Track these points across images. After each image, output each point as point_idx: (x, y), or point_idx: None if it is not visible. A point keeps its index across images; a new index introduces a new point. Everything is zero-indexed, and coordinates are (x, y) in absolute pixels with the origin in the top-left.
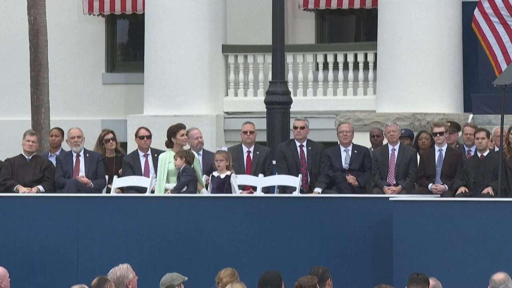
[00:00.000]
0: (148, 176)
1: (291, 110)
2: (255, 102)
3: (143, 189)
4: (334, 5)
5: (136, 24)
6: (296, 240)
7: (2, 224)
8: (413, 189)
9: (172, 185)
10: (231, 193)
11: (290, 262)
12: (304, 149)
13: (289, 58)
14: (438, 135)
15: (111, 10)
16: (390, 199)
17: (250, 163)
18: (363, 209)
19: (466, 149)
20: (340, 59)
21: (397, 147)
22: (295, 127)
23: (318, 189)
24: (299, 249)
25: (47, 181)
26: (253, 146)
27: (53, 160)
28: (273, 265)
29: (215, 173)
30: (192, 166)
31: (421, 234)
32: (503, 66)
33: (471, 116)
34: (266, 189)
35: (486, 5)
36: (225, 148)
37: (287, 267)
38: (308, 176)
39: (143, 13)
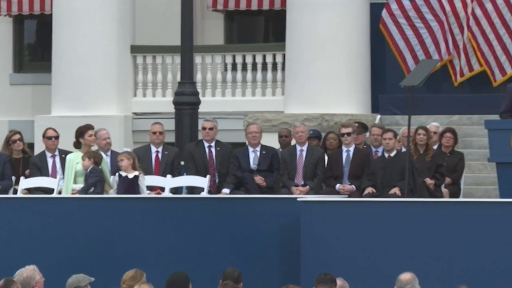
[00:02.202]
0: (56, 177)
1: (199, 110)
2: (164, 102)
3: (50, 190)
4: (243, 6)
5: (44, 25)
6: (205, 240)
7: None
8: (321, 189)
9: (80, 185)
10: (139, 193)
11: (199, 262)
12: (213, 149)
13: (197, 59)
14: (345, 135)
15: (19, 10)
16: (298, 199)
17: (158, 164)
18: (271, 210)
19: (374, 149)
20: (249, 60)
21: (305, 147)
22: (204, 128)
23: (226, 190)
24: (207, 250)
25: None
26: (161, 147)
27: None
28: (181, 266)
29: (123, 173)
30: (100, 167)
31: (329, 234)
32: (412, 67)
33: (378, 117)
34: (174, 190)
35: (394, 7)
36: (128, 149)
37: (196, 267)
38: (216, 177)
39: (51, 14)
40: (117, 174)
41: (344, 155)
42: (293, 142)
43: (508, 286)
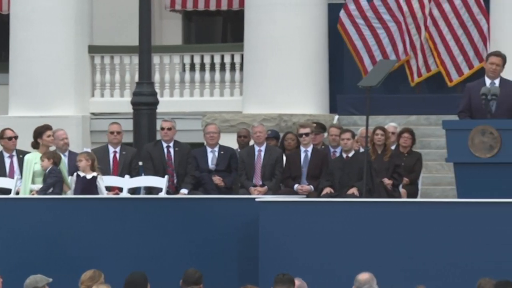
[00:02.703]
0: (13, 177)
1: (158, 111)
2: (122, 103)
3: (8, 191)
4: (201, 6)
5: (1, 24)
6: (163, 241)
7: None
8: (279, 189)
9: (38, 186)
10: (98, 194)
11: (157, 263)
12: (171, 150)
13: (155, 59)
14: (303, 136)
15: None
16: (256, 199)
17: (116, 164)
18: (229, 210)
19: (332, 150)
20: (207, 60)
21: (263, 148)
22: (162, 128)
23: (184, 190)
24: (166, 250)
25: None
26: (119, 147)
27: None
28: (140, 266)
29: (81, 173)
30: (58, 168)
31: (287, 235)
32: (369, 68)
33: (336, 117)
34: (133, 190)
35: (352, 7)
36: (88, 149)
37: (154, 268)
38: (175, 177)
39: (8, 14)
40: (75, 174)
41: (302, 155)
42: (251, 142)
43: (466, 284)
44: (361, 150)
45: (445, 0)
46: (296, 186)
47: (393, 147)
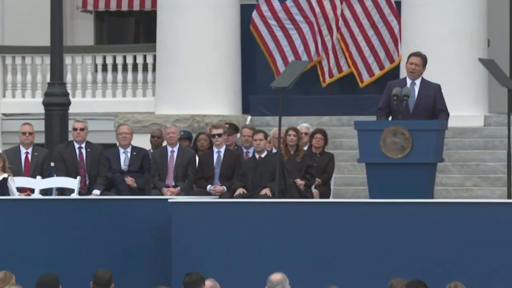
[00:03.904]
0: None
1: (70, 111)
2: (34, 103)
3: None
4: (113, 6)
5: None
6: (75, 242)
7: None
8: (192, 190)
9: None
10: (9, 195)
11: (69, 264)
12: (83, 150)
13: (67, 60)
14: (216, 136)
15: None
16: (169, 200)
17: (28, 165)
18: (142, 211)
19: (244, 150)
20: (119, 60)
21: (176, 148)
22: (75, 129)
23: (96, 191)
24: (78, 251)
25: None
26: (31, 148)
27: None
28: (51, 267)
29: None
30: None
31: (200, 235)
32: (282, 69)
33: (249, 117)
34: (45, 191)
35: (265, 8)
36: None
37: (66, 269)
38: (87, 178)
39: None
40: None
41: (215, 156)
42: (164, 143)
43: (378, 284)
44: (274, 150)
45: (356, 1)
46: (209, 186)
47: (305, 148)
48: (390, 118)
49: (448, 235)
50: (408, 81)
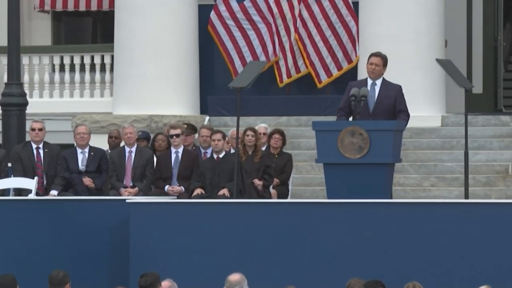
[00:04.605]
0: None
1: (27, 112)
2: None
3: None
4: (70, 7)
5: None
6: (33, 242)
7: None
8: (150, 191)
9: None
10: None
11: (27, 265)
12: (41, 151)
13: (25, 60)
14: (174, 137)
15: None
16: (127, 201)
17: None
18: (100, 211)
19: (203, 151)
20: (77, 61)
21: (134, 149)
22: (32, 129)
23: (54, 192)
24: (36, 252)
25: None
26: None
27: None
28: (9, 268)
29: None
30: None
31: (158, 236)
32: (239, 69)
33: (207, 118)
34: (2, 192)
35: (222, 8)
36: None
37: (24, 270)
38: (44, 179)
39: None
40: None
41: (173, 156)
42: (122, 143)
43: (336, 284)
44: (232, 151)
45: (314, 2)
46: (166, 187)
47: (263, 148)
48: (351, 118)
49: (406, 235)
50: (369, 82)
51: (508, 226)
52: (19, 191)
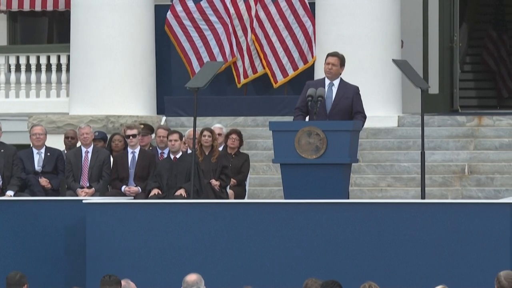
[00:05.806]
0: None
1: None
2: None
3: None
4: (26, 7)
5: None
6: None
7: None
8: (107, 191)
9: None
10: None
11: None
12: None
13: None
14: (131, 137)
15: None
16: (83, 201)
17: None
18: (56, 212)
19: (159, 151)
20: (33, 61)
21: (90, 149)
22: None
23: (10, 192)
24: None
25: None
26: None
27: None
28: None
29: None
30: None
31: (114, 236)
32: (197, 69)
33: (164, 118)
34: None
35: (179, 8)
36: None
37: None
38: (0, 179)
39: None
40: None
41: (130, 156)
42: (78, 143)
43: (293, 284)
44: (189, 151)
45: (271, 2)
46: (123, 187)
47: (220, 148)
48: (308, 118)
49: (363, 235)
50: (327, 82)
51: (463, 226)
52: None
